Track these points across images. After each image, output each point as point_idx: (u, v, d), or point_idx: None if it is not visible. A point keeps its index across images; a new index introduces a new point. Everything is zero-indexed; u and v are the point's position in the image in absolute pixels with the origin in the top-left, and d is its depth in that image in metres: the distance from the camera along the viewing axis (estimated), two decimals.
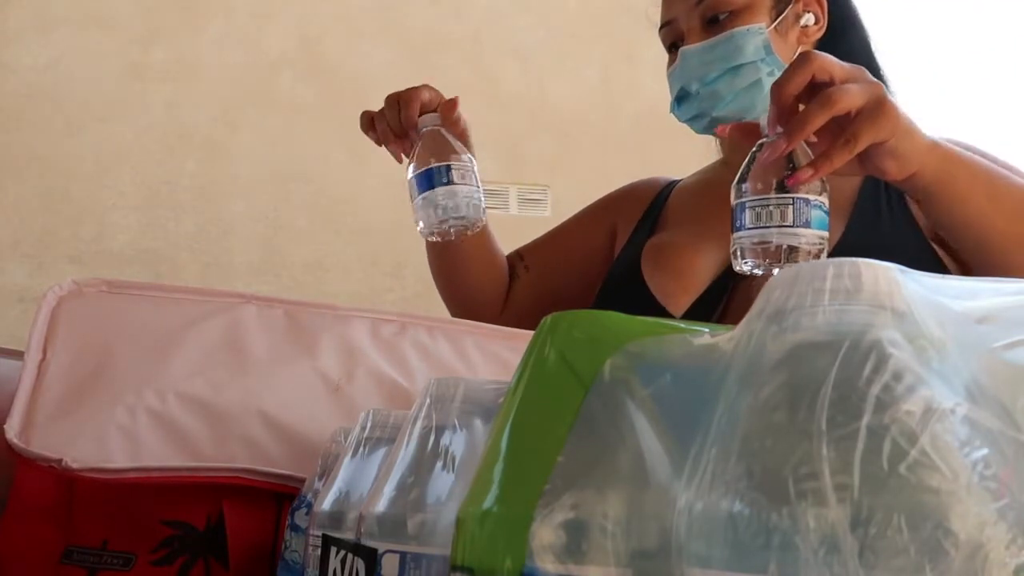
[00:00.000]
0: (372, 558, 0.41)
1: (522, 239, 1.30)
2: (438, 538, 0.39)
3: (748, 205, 0.77)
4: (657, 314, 1.14)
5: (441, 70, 2.46)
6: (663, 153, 2.16)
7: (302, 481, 0.68)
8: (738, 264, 0.79)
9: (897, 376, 0.23)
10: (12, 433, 0.68)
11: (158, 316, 0.80)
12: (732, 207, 0.79)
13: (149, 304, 0.81)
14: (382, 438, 0.54)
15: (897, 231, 1.09)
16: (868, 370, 0.24)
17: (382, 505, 0.43)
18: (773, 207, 0.76)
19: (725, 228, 0.82)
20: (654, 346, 0.31)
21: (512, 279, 1.30)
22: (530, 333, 0.34)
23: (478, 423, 0.43)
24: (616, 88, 2.57)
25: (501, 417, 0.32)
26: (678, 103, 1.19)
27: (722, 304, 1.11)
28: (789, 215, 0.75)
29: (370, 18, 2.49)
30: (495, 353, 0.89)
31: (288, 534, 0.63)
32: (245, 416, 0.75)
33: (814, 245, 0.76)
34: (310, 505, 0.59)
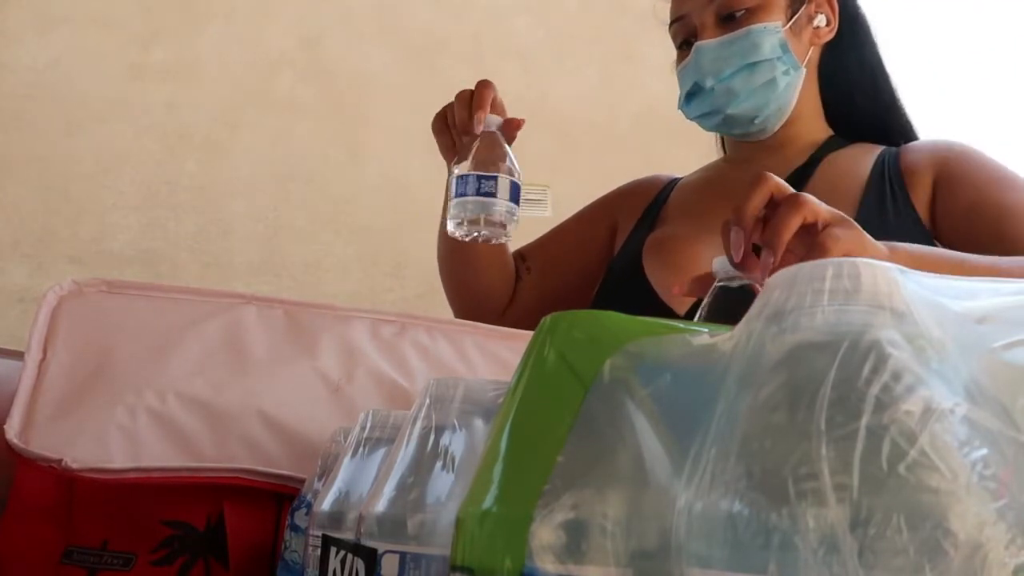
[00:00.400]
0: (372, 558, 0.41)
1: (523, 239, 1.30)
2: (438, 538, 0.39)
3: None
4: (658, 309, 1.14)
5: (441, 70, 2.47)
6: (663, 153, 2.16)
7: (302, 481, 0.68)
8: None
9: (896, 376, 0.23)
10: (12, 433, 0.68)
11: (158, 316, 0.80)
12: None
13: (149, 304, 0.81)
14: (382, 438, 0.54)
15: (903, 226, 1.09)
16: (867, 370, 0.24)
17: (382, 505, 0.43)
18: None
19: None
20: (654, 346, 0.31)
21: (516, 280, 1.29)
22: (530, 333, 0.34)
23: (478, 423, 0.43)
24: (616, 88, 2.57)
25: (501, 417, 0.32)
26: (689, 99, 1.18)
27: None
28: None
29: (370, 18, 2.49)
30: (495, 353, 0.89)
31: (288, 534, 0.63)
32: (245, 416, 0.75)
33: None
34: (310, 505, 0.59)
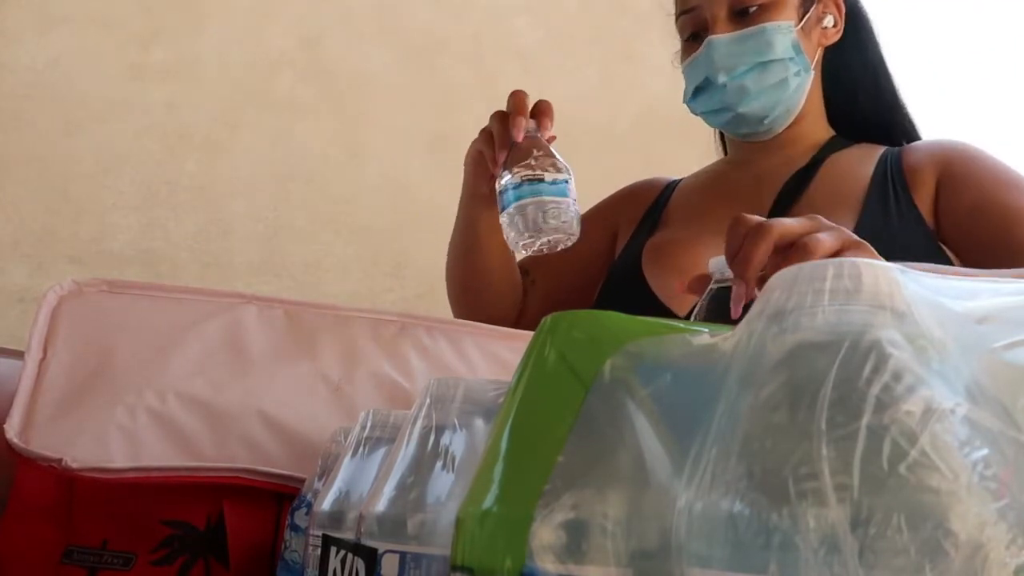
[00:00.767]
0: (372, 558, 0.41)
1: None
2: (438, 538, 0.39)
3: None
4: (659, 313, 1.13)
5: (441, 70, 2.46)
6: (663, 153, 2.15)
7: (302, 481, 0.68)
8: None
9: (897, 376, 0.23)
10: (12, 433, 0.68)
11: (158, 316, 0.80)
12: None
13: (149, 304, 0.81)
14: (382, 438, 0.54)
15: (905, 226, 1.09)
16: (868, 370, 0.24)
17: (382, 505, 0.43)
18: None
19: (727, 224, 0.81)
20: (654, 346, 0.31)
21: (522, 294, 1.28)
22: (530, 333, 0.34)
23: (478, 423, 0.43)
24: (616, 88, 2.57)
25: (501, 417, 0.32)
26: (697, 93, 1.16)
27: None
28: None
29: (370, 18, 2.48)
30: (495, 353, 0.89)
31: (288, 534, 0.63)
32: (245, 416, 0.75)
33: None
34: (310, 505, 0.59)
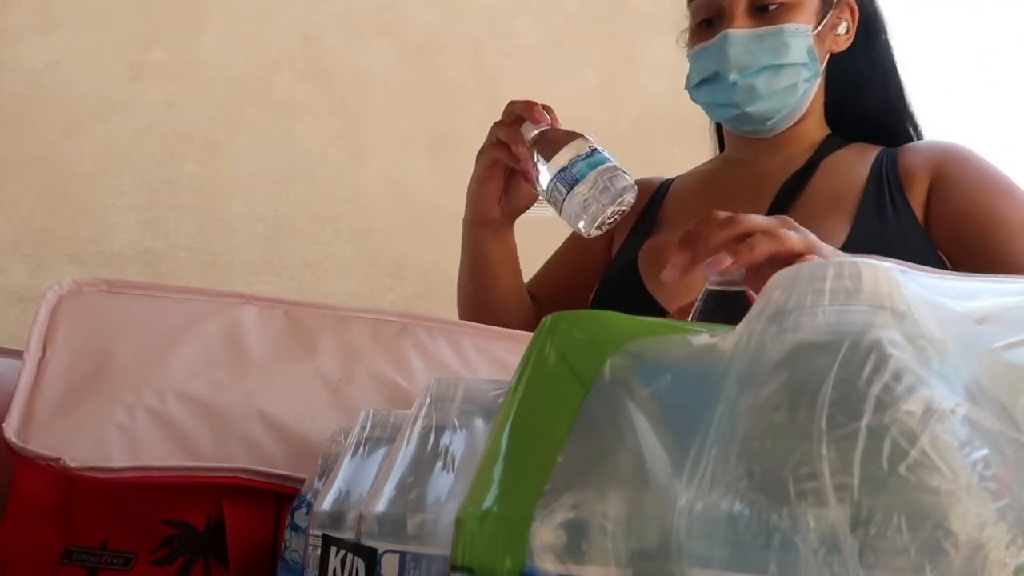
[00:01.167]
0: (372, 558, 0.41)
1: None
2: (438, 538, 0.39)
3: None
4: (656, 315, 1.13)
5: (441, 70, 2.47)
6: (663, 153, 2.15)
7: (302, 481, 0.68)
8: None
9: (897, 376, 0.23)
10: (11, 432, 0.68)
11: (158, 316, 0.80)
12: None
13: (149, 304, 0.81)
14: (382, 438, 0.54)
15: (901, 228, 1.09)
16: (868, 370, 0.24)
17: (382, 505, 0.43)
18: None
19: None
20: (654, 346, 0.31)
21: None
22: (530, 334, 0.34)
23: (478, 423, 0.43)
24: (616, 88, 2.57)
25: (501, 417, 0.32)
26: (702, 84, 1.14)
27: None
28: None
29: (370, 18, 2.49)
30: (494, 354, 0.89)
31: (288, 534, 0.63)
32: (245, 416, 0.75)
33: None
34: (310, 505, 0.59)
